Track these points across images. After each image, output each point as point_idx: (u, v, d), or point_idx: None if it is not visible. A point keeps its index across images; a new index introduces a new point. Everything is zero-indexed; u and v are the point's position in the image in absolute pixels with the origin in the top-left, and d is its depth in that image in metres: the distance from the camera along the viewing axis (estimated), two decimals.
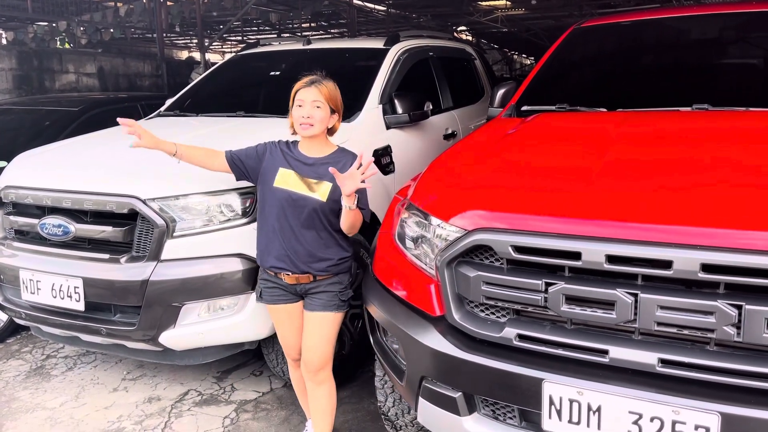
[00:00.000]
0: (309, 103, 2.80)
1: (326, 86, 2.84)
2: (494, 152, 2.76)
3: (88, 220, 3.45)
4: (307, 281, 2.87)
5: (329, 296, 2.89)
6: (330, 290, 2.89)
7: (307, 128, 2.82)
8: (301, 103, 2.82)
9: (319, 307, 2.88)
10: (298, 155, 2.91)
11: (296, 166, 2.87)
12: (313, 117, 2.80)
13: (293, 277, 2.86)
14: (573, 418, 1.96)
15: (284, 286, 2.91)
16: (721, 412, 1.74)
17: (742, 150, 2.36)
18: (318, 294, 2.89)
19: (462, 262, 2.23)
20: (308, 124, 2.80)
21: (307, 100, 2.80)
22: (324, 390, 2.98)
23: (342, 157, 2.90)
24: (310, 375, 2.96)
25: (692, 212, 1.93)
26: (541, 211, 2.14)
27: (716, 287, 1.83)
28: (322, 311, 2.88)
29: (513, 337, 2.10)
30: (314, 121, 2.80)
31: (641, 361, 1.89)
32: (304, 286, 2.89)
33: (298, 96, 2.83)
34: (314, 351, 2.91)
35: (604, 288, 1.93)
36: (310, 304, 2.91)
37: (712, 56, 3.51)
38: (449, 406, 2.23)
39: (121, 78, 12.52)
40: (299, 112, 2.82)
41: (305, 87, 2.83)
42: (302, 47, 5.21)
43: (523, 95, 3.50)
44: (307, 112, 2.80)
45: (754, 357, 1.80)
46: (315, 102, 2.80)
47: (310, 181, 2.83)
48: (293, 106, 2.86)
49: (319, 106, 2.81)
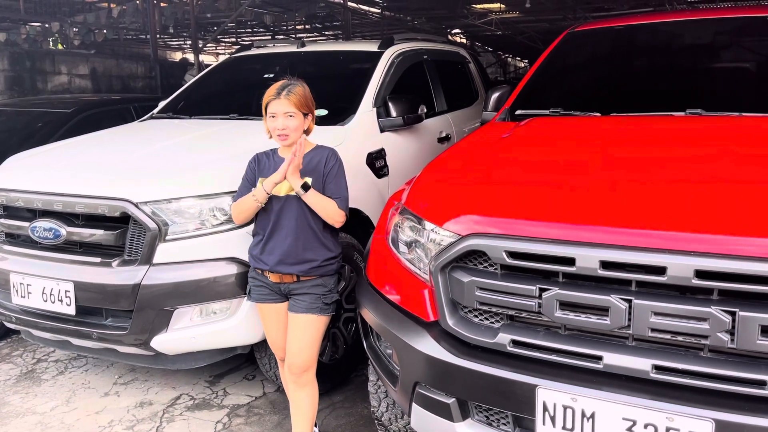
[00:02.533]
0: (281, 115, 2.82)
1: (295, 94, 2.84)
2: (488, 157, 2.75)
3: (79, 224, 3.43)
4: (290, 281, 2.89)
5: (312, 299, 2.89)
6: (313, 292, 2.89)
7: (285, 139, 2.86)
8: (273, 114, 2.84)
9: (302, 309, 2.89)
10: (279, 159, 2.93)
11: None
12: (288, 128, 2.83)
13: (277, 276, 2.89)
14: (567, 425, 1.95)
15: (270, 285, 2.94)
16: (715, 419, 1.74)
17: (735, 155, 2.36)
18: (301, 295, 2.90)
19: (456, 267, 2.22)
20: (285, 135, 2.84)
21: (279, 112, 2.82)
22: (306, 393, 2.96)
23: (320, 154, 2.93)
24: (293, 377, 2.94)
25: (686, 218, 1.93)
26: (535, 216, 2.14)
27: (710, 293, 1.83)
28: (305, 314, 2.88)
29: (507, 343, 2.09)
30: (289, 132, 2.84)
31: (635, 367, 1.88)
32: (288, 285, 2.90)
33: (270, 108, 2.85)
34: (297, 354, 2.90)
35: (598, 294, 1.93)
36: (294, 305, 2.92)
37: (706, 61, 3.52)
38: (443, 412, 2.22)
39: (114, 79, 12.48)
40: (273, 123, 2.85)
41: (274, 99, 2.84)
42: (296, 50, 5.21)
43: (516, 99, 3.49)
44: (282, 124, 2.82)
45: (747, 363, 1.79)
46: (287, 113, 2.82)
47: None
48: (267, 117, 2.88)
49: (291, 115, 2.83)
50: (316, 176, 2.88)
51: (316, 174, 2.88)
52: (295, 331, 2.90)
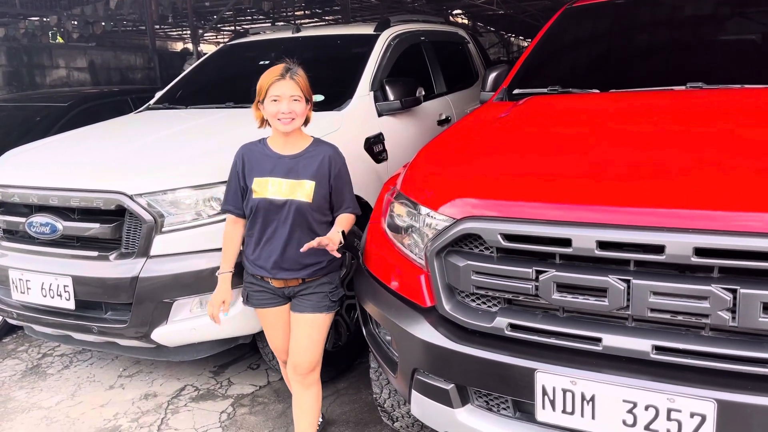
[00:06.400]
0: (287, 98, 2.60)
1: (301, 76, 2.65)
2: (484, 138, 2.70)
3: (75, 218, 3.40)
4: (295, 284, 2.76)
5: (319, 297, 2.77)
6: (320, 291, 2.78)
7: (289, 122, 2.62)
8: (277, 98, 2.60)
9: (308, 308, 2.76)
10: (273, 153, 2.73)
11: (277, 166, 2.70)
12: (294, 111, 2.61)
13: (281, 281, 2.75)
14: (567, 408, 1.92)
15: (272, 289, 2.79)
16: (717, 399, 1.70)
17: (735, 130, 2.30)
18: (307, 296, 2.77)
19: (451, 252, 2.18)
20: (290, 118, 2.61)
21: (285, 94, 2.59)
22: (311, 393, 2.87)
23: (320, 151, 2.75)
24: (298, 378, 2.84)
25: (684, 194, 1.88)
26: (529, 197, 2.09)
27: (710, 271, 1.78)
28: (312, 313, 2.76)
29: (504, 327, 2.05)
30: (296, 115, 2.63)
31: (635, 348, 1.84)
32: (292, 288, 2.77)
33: (273, 91, 2.60)
34: (303, 354, 2.79)
35: (596, 275, 1.88)
36: (299, 305, 2.78)
37: (706, 33, 3.43)
38: (442, 398, 2.19)
39: (112, 72, 12.44)
40: (276, 107, 2.61)
41: (279, 80, 2.61)
42: (292, 35, 5.14)
43: (514, 78, 3.42)
44: (287, 108, 2.60)
45: (749, 342, 1.75)
46: (293, 96, 2.61)
47: (291, 183, 2.67)
48: (266, 101, 2.64)
49: (297, 99, 2.62)
50: (320, 178, 2.69)
51: (320, 176, 2.69)
52: (301, 331, 2.78)
